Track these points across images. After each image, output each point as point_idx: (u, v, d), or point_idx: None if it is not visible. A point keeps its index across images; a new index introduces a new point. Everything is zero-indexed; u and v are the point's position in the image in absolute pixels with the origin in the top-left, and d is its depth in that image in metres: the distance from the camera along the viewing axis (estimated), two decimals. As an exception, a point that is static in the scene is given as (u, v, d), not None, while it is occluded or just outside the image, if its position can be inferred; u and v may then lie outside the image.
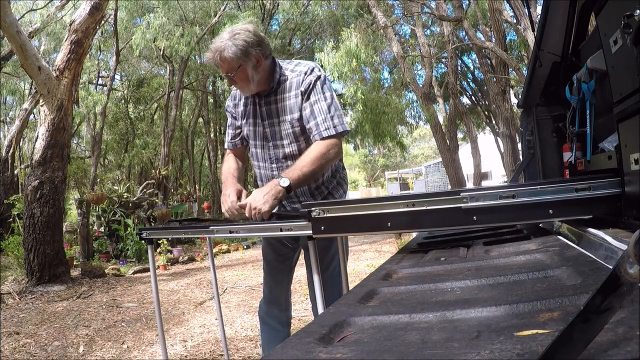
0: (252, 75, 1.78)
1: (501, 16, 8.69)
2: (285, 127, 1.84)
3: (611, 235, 1.02)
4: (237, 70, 1.76)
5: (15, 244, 6.77)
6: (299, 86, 1.80)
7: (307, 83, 1.79)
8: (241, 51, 1.73)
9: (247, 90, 1.84)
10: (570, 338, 0.50)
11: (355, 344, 0.70)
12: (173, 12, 11.70)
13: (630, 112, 1.05)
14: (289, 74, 1.85)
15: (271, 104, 1.86)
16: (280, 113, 1.85)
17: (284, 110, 1.84)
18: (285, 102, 1.83)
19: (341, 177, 2.03)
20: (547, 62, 1.96)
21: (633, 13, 0.94)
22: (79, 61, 5.93)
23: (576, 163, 1.74)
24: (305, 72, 1.81)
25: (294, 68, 1.86)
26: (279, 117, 1.85)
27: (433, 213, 1.28)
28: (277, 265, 2.13)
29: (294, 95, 1.81)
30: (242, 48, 1.72)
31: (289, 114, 1.83)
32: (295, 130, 1.83)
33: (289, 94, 1.83)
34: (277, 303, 2.17)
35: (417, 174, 33.02)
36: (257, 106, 1.90)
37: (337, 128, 1.76)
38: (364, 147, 32.61)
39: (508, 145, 9.34)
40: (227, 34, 1.76)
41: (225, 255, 9.09)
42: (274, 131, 1.87)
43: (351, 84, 10.62)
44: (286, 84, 1.83)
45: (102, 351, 3.35)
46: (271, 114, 1.87)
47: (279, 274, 2.14)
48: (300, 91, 1.80)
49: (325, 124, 1.76)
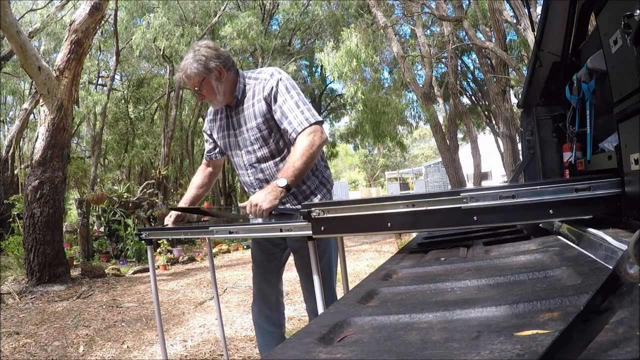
0: (216, 86, 1.90)
1: (501, 16, 8.69)
2: (253, 133, 1.94)
3: (611, 235, 1.02)
4: (202, 84, 1.89)
5: (15, 244, 6.77)
6: (261, 92, 1.90)
7: (269, 88, 1.88)
8: (202, 65, 1.86)
9: (216, 102, 1.96)
10: (570, 338, 0.50)
11: (355, 344, 0.70)
12: (173, 12, 11.71)
13: (630, 112, 1.05)
14: (251, 82, 1.96)
15: (239, 113, 1.98)
16: (247, 120, 1.95)
17: (249, 117, 1.94)
18: (250, 110, 1.94)
19: (324, 177, 2.07)
20: (547, 62, 1.96)
21: (633, 13, 0.94)
22: (79, 61, 5.93)
23: (576, 163, 1.74)
24: (265, 78, 1.91)
25: (256, 76, 1.97)
26: (246, 124, 1.95)
27: (433, 213, 1.28)
28: (265, 264, 2.18)
29: (257, 101, 1.91)
30: (203, 62, 1.86)
31: (254, 120, 1.92)
32: (263, 134, 1.93)
33: (252, 101, 1.93)
34: (268, 303, 2.21)
35: (417, 174, 33.02)
36: (229, 118, 2.02)
37: (309, 120, 1.84)
38: (364, 147, 32.61)
39: (508, 145, 9.34)
40: (190, 54, 1.90)
41: (225, 255, 9.09)
42: (244, 138, 1.98)
43: (351, 84, 10.61)
44: (250, 92, 1.95)
45: (102, 351, 3.35)
46: (240, 122, 1.98)
47: (268, 274, 2.19)
48: (264, 96, 1.89)
49: (296, 120, 1.84)
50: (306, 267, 1.93)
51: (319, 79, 18.43)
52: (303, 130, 1.82)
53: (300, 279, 2.18)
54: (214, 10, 12.53)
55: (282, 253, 2.18)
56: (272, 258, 2.17)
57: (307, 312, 2.26)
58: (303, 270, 2.10)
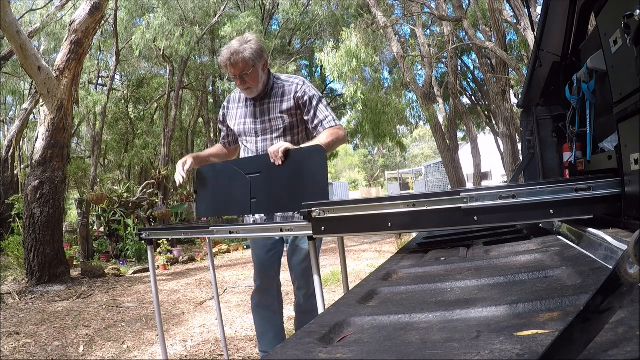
0: (261, 76, 2.13)
1: (501, 16, 8.69)
2: (277, 123, 2.17)
3: (611, 235, 1.02)
4: (252, 70, 2.07)
5: (15, 244, 6.76)
6: (293, 92, 2.17)
7: (302, 92, 2.16)
8: (257, 53, 2.07)
9: (254, 91, 2.16)
10: (570, 338, 0.50)
11: (355, 344, 0.70)
12: (173, 12, 11.70)
13: (630, 112, 1.05)
14: (280, 82, 2.22)
15: (265, 104, 2.20)
16: (272, 111, 2.18)
17: (275, 109, 2.18)
18: (278, 104, 2.18)
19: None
20: (547, 62, 1.96)
21: (633, 13, 0.94)
22: (79, 61, 5.93)
23: (576, 163, 1.74)
24: (298, 83, 2.19)
25: (287, 79, 2.24)
26: (270, 114, 2.18)
27: (433, 213, 1.28)
28: (266, 258, 2.34)
29: (287, 99, 2.17)
30: (258, 50, 2.08)
31: (279, 112, 2.17)
32: (285, 126, 2.17)
33: (282, 98, 2.18)
34: (269, 291, 2.39)
35: (417, 174, 33.02)
36: (254, 107, 2.23)
37: (336, 121, 2.18)
38: (364, 147, 32.62)
39: (508, 145, 9.34)
40: (239, 41, 2.09)
41: (225, 255, 9.08)
42: (265, 127, 2.19)
43: (351, 84, 10.60)
44: (279, 90, 2.19)
45: (102, 351, 3.35)
46: (264, 112, 2.20)
47: (268, 266, 2.35)
48: (294, 96, 2.16)
49: (327, 119, 2.16)
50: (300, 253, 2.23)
51: (319, 79, 18.42)
52: (331, 127, 2.13)
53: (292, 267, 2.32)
54: (214, 10, 12.53)
55: (280, 245, 2.33)
56: (269, 249, 2.32)
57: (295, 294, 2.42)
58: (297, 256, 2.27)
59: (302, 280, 2.31)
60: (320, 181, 1.78)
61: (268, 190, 1.93)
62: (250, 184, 1.97)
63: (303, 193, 1.74)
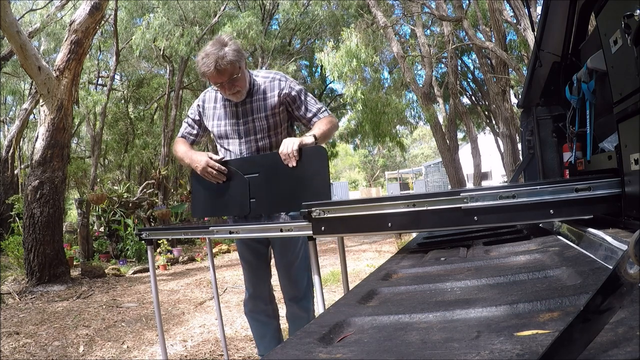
0: (247, 76, 2.03)
1: (501, 16, 8.69)
2: (261, 123, 2.09)
3: (611, 235, 1.02)
4: (240, 73, 1.95)
5: (15, 244, 6.76)
6: (276, 89, 2.08)
7: (287, 87, 2.09)
8: (239, 53, 1.95)
9: (243, 93, 2.04)
10: (570, 338, 0.50)
11: (355, 344, 0.70)
12: (173, 12, 11.69)
13: (630, 112, 1.05)
14: (260, 79, 2.11)
15: (246, 104, 2.09)
16: (256, 111, 2.08)
17: (259, 108, 2.08)
18: (261, 102, 2.08)
19: None
20: (547, 62, 1.96)
21: (633, 13, 0.94)
22: (79, 61, 5.93)
23: (576, 163, 1.74)
24: (279, 79, 2.10)
25: (266, 75, 2.14)
26: (253, 114, 2.09)
27: (433, 213, 1.28)
28: (255, 262, 2.29)
29: (270, 97, 2.08)
30: (239, 50, 1.95)
31: (264, 111, 2.08)
32: (270, 125, 2.09)
33: (264, 95, 2.08)
34: (262, 297, 2.33)
35: (417, 174, 33.01)
36: (232, 107, 2.12)
37: (327, 111, 2.17)
38: (364, 147, 32.59)
39: (508, 145, 9.34)
40: (216, 45, 1.93)
41: (225, 255, 9.08)
42: (248, 128, 2.10)
43: (351, 84, 10.60)
44: (260, 88, 2.09)
45: (102, 351, 3.35)
46: (247, 112, 2.09)
47: (259, 270, 2.31)
48: (279, 93, 2.08)
49: (320, 111, 2.14)
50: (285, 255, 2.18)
51: (319, 79, 18.42)
52: (324, 117, 2.10)
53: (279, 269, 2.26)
54: (213, 10, 12.53)
55: (267, 249, 2.29)
56: (259, 254, 2.27)
57: (285, 301, 2.34)
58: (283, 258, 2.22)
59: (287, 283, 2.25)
60: (322, 181, 1.79)
61: (268, 190, 1.94)
62: (249, 184, 1.97)
63: (304, 193, 1.75)
